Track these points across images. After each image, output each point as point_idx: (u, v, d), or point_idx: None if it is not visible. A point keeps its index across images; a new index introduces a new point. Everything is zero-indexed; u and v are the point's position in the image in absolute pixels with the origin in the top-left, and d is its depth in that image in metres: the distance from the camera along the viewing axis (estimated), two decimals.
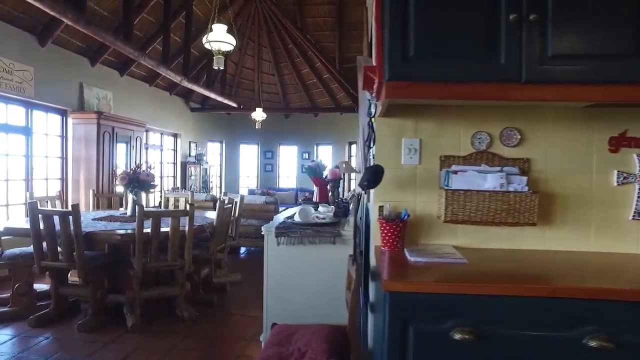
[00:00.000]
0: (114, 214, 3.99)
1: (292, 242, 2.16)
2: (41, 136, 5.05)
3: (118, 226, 3.29)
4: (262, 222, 6.15)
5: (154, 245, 3.03)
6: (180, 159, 8.78)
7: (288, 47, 8.72)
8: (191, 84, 6.36)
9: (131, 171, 3.77)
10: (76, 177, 5.34)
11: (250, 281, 4.54)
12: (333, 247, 2.18)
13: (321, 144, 10.97)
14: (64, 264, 2.99)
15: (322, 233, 2.17)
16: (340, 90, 9.17)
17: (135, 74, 6.91)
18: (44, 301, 3.42)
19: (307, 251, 2.21)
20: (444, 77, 1.45)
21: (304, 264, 2.21)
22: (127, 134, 5.93)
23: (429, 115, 1.95)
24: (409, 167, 1.96)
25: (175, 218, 3.06)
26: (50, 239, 2.95)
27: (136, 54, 4.83)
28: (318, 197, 2.98)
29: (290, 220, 2.39)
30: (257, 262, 5.68)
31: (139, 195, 3.84)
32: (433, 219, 1.95)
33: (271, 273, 2.22)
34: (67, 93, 5.30)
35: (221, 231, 3.81)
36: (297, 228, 2.21)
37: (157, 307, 3.45)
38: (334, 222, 2.36)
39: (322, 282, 2.21)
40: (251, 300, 3.93)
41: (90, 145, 5.29)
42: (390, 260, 1.69)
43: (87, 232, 2.98)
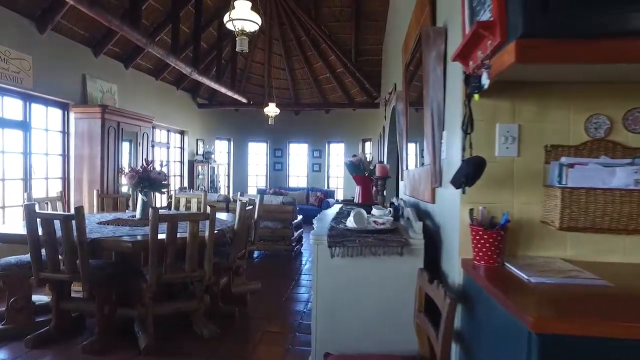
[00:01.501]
0: (122, 216, 3.58)
1: (349, 253, 1.75)
2: (40, 132, 4.64)
3: (127, 231, 2.87)
4: (278, 223, 5.75)
5: (170, 253, 2.62)
6: (188, 157, 8.36)
7: (300, 40, 8.29)
8: (201, 77, 5.94)
9: (140, 169, 3.36)
10: (79, 176, 4.93)
11: (269, 289, 4.14)
12: (399, 260, 1.77)
13: (333, 141, 10.54)
14: (66, 275, 2.57)
15: (386, 242, 1.75)
16: (354, 85, 8.75)
17: (141, 67, 6.50)
18: (44, 316, 3.01)
19: (368, 264, 1.79)
20: (608, 29, 1.03)
21: (363, 280, 1.80)
22: (134, 129, 5.51)
23: (528, 95, 1.53)
24: (504, 159, 1.54)
25: (195, 222, 2.65)
26: (50, 247, 2.54)
27: (144, 41, 4.42)
28: (361, 197, 2.56)
29: (341, 226, 1.97)
30: (272, 267, 5.32)
31: (149, 196, 3.43)
32: (535, 224, 1.53)
33: (322, 291, 1.80)
34: (69, 85, 4.89)
35: (242, 236, 3.40)
36: (355, 236, 1.79)
37: (171, 322, 3.04)
38: (394, 228, 1.94)
39: (385, 302, 1.79)
40: (275, 312, 3.52)
41: (94, 142, 4.88)
42: (497, 279, 1.28)
43: (93, 239, 2.57)
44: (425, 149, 2.17)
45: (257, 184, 10.79)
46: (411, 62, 2.94)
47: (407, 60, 2.99)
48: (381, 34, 7.28)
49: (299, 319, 3.37)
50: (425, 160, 2.17)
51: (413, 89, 2.89)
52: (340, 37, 7.67)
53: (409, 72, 2.96)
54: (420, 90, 2.74)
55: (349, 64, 7.95)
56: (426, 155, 2.16)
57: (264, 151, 10.84)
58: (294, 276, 4.77)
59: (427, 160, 2.14)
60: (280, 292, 4.11)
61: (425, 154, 2.17)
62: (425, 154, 2.17)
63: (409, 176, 2.86)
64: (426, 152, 2.16)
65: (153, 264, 2.56)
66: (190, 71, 5.63)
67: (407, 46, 2.98)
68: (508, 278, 1.29)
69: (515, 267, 1.37)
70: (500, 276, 1.32)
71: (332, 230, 1.87)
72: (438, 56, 1.83)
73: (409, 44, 2.87)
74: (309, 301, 3.84)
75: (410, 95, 3.01)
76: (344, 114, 10.02)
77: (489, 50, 1.16)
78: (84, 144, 4.90)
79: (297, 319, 3.37)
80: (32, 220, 2.51)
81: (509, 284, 1.23)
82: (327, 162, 10.64)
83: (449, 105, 1.79)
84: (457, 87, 1.61)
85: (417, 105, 2.83)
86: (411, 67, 2.93)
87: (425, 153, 2.17)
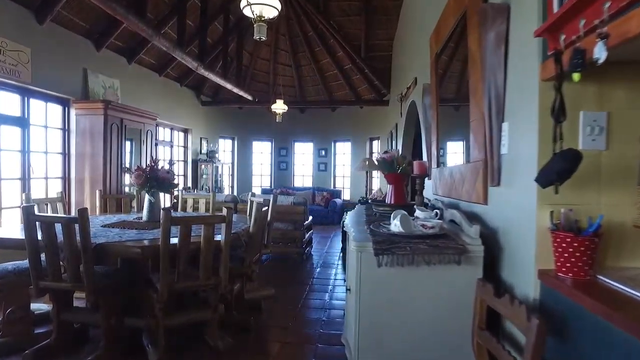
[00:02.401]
0: (127, 218, 3.34)
1: (399, 262, 1.51)
2: (40, 129, 4.40)
3: (135, 235, 2.64)
4: (288, 225, 5.51)
5: (182, 260, 2.38)
6: (191, 156, 8.12)
7: (308, 35, 8.06)
8: (207, 72, 5.70)
9: (147, 168, 3.12)
10: (80, 175, 4.68)
11: (282, 295, 3.90)
12: (456, 269, 1.53)
13: (339, 140, 10.30)
14: (69, 284, 2.33)
15: (441, 249, 1.52)
16: (362, 82, 8.51)
17: (144, 62, 6.26)
18: (44, 327, 2.77)
19: (419, 274, 1.55)
20: None
21: (413, 293, 1.56)
22: (137, 127, 5.27)
23: (619, 78, 1.29)
24: (589, 153, 1.30)
25: (210, 226, 2.41)
26: (51, 253, 2.30)
27: (150, 32, 4.17)
28: (393, 197, 2.32)
29: (384, 230, 1.73)
30: (283, 271, 5.06)
31: (157, 197, 3.19)
32: (627, 229, 1.30)
33: (366, 305, 1.57)
34: (69, 79, 4.64)
35: (257, 239, 3.16)
36: (404, 242, 1.56)
37: (182, 333, 2.80)
38: (443, 233, 1.70)
39: (439, 317, 1.56)
40: (291, 321, 3.28)
41: (96, 139, 4.63)
42: (601, 296, 1.05)
43: (98, 245, 2.33)
44: (473, 144, 1.94)
45: (262, 184, 10.54)
46: (443, 51, 2.71)
47: (439, 50, 2.76)
48: (392, 29, 7.05)
49: (319, 329, 3.13)
50: (472, 155, 1.94)
51: (449, 80, 2.66)
52: (350, 32, 7.43)
53: (442, 62, 2.72)
54: (458, 81, 2.51)
55: (357, 60, 7.70)
56: (474, 150, 1.92)
57: (268, 150, 10.59)
58: (306, 280, 4.53)
59: (475, 156, 1.90)
60: (295, 298, 3.87)
61: (473, 149, 1.93)
62: (472, 149, 1.94)
63: (441, 174, 2.62)
64: (474, 147, 1.93)
65: (164, 271, 2.32)
66: (197, 65, 5.39)
67: (438, 35, 2.75)
68: (614, 294, 1.06)
69: (614, 280, 1.13)
70: (604, 292, 1.08)
71: (377, 236, 1.64)
72: (498, 37, 1.59)
73: (442, 33, 2.64)
74: (327, 308, 3.61)
75: (442, 87, 2.78)
76: (350, 112, 9.78)
77: (606, 14, 0.92)
78: (86, 142, 4.65)
79: (316, 329, 3.13)
80: (30, 224, 2.27)
81: (623, 302, 1.00)
82: (333, 161, 10.40)
83: (511, 92, 1.56)
84: (530, 70, 1.37)
85: (451, 97, 2.60)
86: (444, 56, 2.70)
87: (473, 148, 1.94)
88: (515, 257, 1.47)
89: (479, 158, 1.84)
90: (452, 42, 2.51)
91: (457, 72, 2.49)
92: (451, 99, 2.64)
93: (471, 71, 1.97)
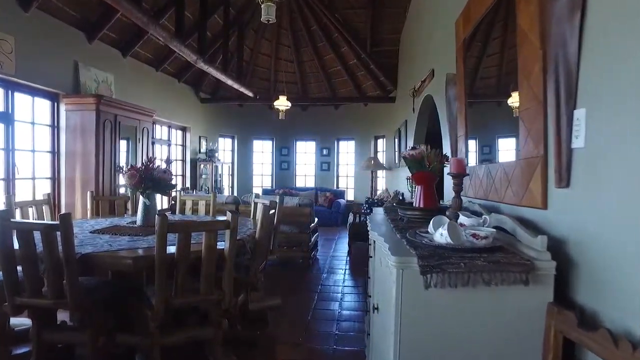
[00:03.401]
0: (119, 222, 3.03)
1: (452, 282, 1.21)
2: (26, 125, 4.08)
3: (126, 242, 2.33)
4: (294, 228, 5.20)
5: (181, 272, 2.07)
6: (190, 155, 7.80)
7: (311, 29, 7.75)
8: (207, 66, 5.38)
9: (142, 167, 2.81)
10: (70, 175, 4.37)
11: (290, 304, 3.62)
12: (522, 291, 1.23)
13: (342, 139, 10.00)
14: (49, 301, 2.02)
15: (504, 265, 1.22)
16: (367, 78, 8.21)
17: (140, 56, 5.94)
18: (25, 346, 2.46)
19: (475, 297, 1.26)
20: None
21: (468, 320, 1.26)
22: (132, 124, 4.96)
23: None
24: None
25: (212, 232, 2.10)
26: (29, 264, 1.99)
27: (145, 21, 3.86)
28: (422, 200, 2.02)
29: (426, 241, 1.42)
30: (289, 277, 4.67)
31: (152, 199, 2.89)
32: None
33: (409, 335, 1.26)
34: (59, 72, 4.33)
35: (264, 245, 2.86)
36: (457, 257, 1.25)
37: (181, 351, 2.49)
38: (499, 245, 1.40)
39: (499, 351, 1.25)
40: (302, 335, 2.98)
41: (88, 137, 4.32)
42: None
43: (84, 255, 2.02)
44: (524, 138, 1.64)
45: (263, 184, 10.23)
46: (475, 35, 2.41)
47: (468, 35, 2.46)
48: (399, 23, 6.75)
49: (332, 344, 2.83)
50: (524, 151, 1.64)
51: (483, 67, 2.36)
52: (355, 25, 7.13)
53: (474, 47, 2.42)
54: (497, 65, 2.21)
55: (363, 55, 7.41)
56: (526, 145, 1.62)
57: (269, 149, 10.28)
58: (314, 287, 4.23)
59: (528, 152, 1.61)
60: (303, 308, 3.57)
61: (525, 144, 1.63)
62: (524, 144, 1.64)
63: (473, 173, 2.32)
64: (526, 141, 1.63)
65: (160, 286, 2.01)
66: (196, 59, 5.07)
67: (468, 18, 2.45)
68: None
69: None
70: None
71: (419, 249, 1.33)
72: (570, 4, 1.29)
73: (474, 14, 2.34)
74: (339, 320, 3.31)
75: (468, 75, 2.48)
76: (354, 110, 9.47)
77: None
78: (77, 139, 4.34)
79: (330, 344, 2.83)
80: (5, 232, 1.96)
81: None
82: (336, 160, 10.10)
83: (588, 70, 1.25)
84: (626, 40, 1.07)
85: (484, 87, 2.30)
86: (477, 41, 2.40)
87: (524, 142, 1.64)
88: (603, 276, 1.16)
89: (535, 154, 1.55)
90: (487, 23, 2.22)
91: (495, 56, 2.20)
92: (484, 89, 2.34)
93: (521, 51, 1.67)
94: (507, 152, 1.92)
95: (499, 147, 2.01)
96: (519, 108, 1.70)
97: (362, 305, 3.66)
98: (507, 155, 1.92)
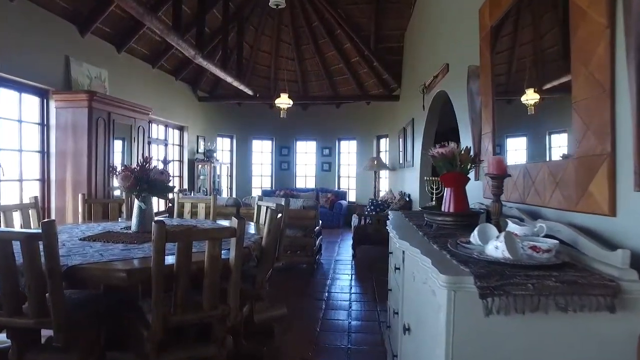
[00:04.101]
0: (113, 228, 2.78)
1: (519, 306, 0.98)
2: (12, 123, 3.81)
3: (120, 251, 2.09)
4: (298, 231, 4.95)
5: (181, 286, 1.83)
6: (188, 155, 7.55)
7: (312, 25, 7.52)
8: (206, 62, 5.14)
9: (137, 167, 2.57)
10: (61, 177, 4.11)
11: (296, 314, 3.39)
12: (600, 319, 1.00)
13: (344, 138, 9.76)
14: (31, 320, 1.78)
15: (581, 287, 0.99)
16: (370, 76, 7.99)
17: (136, 52, 5.69)
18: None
19: (546, 326, 1.03)
20: None
21: (536, 355, 1.03)
22: (127, 122, 4.70)
23: None
24: None
25: (216, 241, 1.86)
26: (7, 279, 1.75)
27: (141, 12, 3.61)
28: (453, 204, 1.79)
29: (476, 255, 1.19)
30: (293, 284, 4.30)
31: (148, 203, 2.64)
32: None
33: None
34: (49, 67, 4.07)
35: (270, 252, 2.62)
36: (521, 276, 1.03)
37: None
38: (566, 261, 1.17)
39: None
40: (311, 349, 2.75)
41: (80, 136, 4.06)
42: None
43: (71, 267, 1.78)
44: (581, 132, 1.42)
45: (262, 185, 9.98)
46: (505, 20, 2.19)
47: (496, 22, 2.24)
48: (404, 19, 6.54)
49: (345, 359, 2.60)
50: (581, 149, 1.41)
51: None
52: (358, 21, 6.90)
53: (506, 34, 2.20)
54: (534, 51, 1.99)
55: (366, 52, 7.18)
56: (584, 140, 1.40)
57: (269, 149, 10.03)
58: (320, 295, 4.00)
59: (587, 148, 1.38)
60: (311, 319, 3.34)
61: (582, 139, 1.41)
62: (581, 139, 1.41)
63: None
64: (583, 136, 1.40)
65: (158, 302, 1.77)
66: (194, 54, 4.82)
67: (497, 2, 2.22)
68: None
69: None
70: None
71: (472, 265, 1.10)
72: None
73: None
74: (350, 332, 3.08)
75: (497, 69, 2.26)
76: (356, 109, 9.25)
77: None
78: (68, 138, 4.08)
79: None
80: None
81: None
82: (337, 160, 9.86)
83: None
84: None
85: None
86: (507, 26, 2.18)
87: (581, 137, 1.42)
88: None
89: (598, 151, 1.32)
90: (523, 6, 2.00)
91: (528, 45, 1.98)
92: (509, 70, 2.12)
93: (576, 32, 1.45)
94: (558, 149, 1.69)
95: (551, 144, 1.78)
96: (573, 99, 1.48)
97: (374, 315, 3.44)
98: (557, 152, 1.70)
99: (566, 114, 1.53)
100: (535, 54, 2.03)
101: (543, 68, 1.97)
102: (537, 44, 2.01)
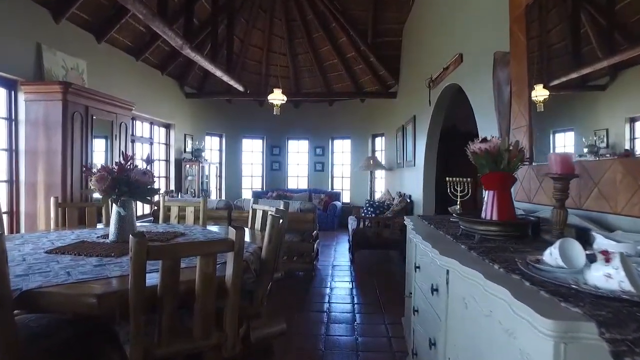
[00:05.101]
0: (89, 236, 2.41)
1: None
2: None
3: (93, 267, 1.72)
4: (295, 236, 4.59)
5: (167, 311, 1.48)
6: (174, 155, 7.13)
7: (307, 19, 7.19)
8: (194, 53, 4.76)
9: (115, 167, 2.21)
10: (32, 178, 3.69)
11: (296, 328, 3.07)
12: None
13: (337, 137, 9.45)
14: None
15: None
16: (366, 72, 7.69)
17: (118, 43, 5.27)
18: None
19: None
20: None
21: None
22: (108, 118, 4.30)
23: None
24: None
25: (209, 257, 1.52)
26: None
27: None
28: (497, 210, 1.48)
29: (575, 286, 0.88)
30: (290, 293, 3.82)
31: (129, 208, 2.27)
32: None
33: None
34: (17, 55, 3.65)
35: (270, 264, 2.28)
36: None
37: None
38: None
39: None
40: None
41: (53, 132, 3.65)
42: None
43: (26, 292, 1.41)
44: None
45: (252, 186, 9.59)
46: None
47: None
48: (403, 12, 6.25)
49: None
50: None
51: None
52: (355, 14, 6.60)
53: (546, 11, 1.91)
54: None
55: (362, 47, 6.89)
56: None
57: (259, 149, 9.65)
58: (321, 306, 3.67)
59: None
60: (313, 335, 3.01)
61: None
62: None
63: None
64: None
65: (137, 333, 1.42)
66: (182, 44, 4.44)
67: None
68: None
69: None
70: None
71: (579, 299, 0.79)
72: None
73: None
74: (357, 350, 2.76)
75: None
76: (350, 106, 8.94)
77: None
78: (39, 135, 3.67)
79: None
80: None
81: None
82: (330, 160, 9.54)
83: None
84: None
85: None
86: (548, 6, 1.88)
87: None
88: None
89: None
90: None
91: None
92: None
93: None
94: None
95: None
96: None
97: (381, 329, 3.12)
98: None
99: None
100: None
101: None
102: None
